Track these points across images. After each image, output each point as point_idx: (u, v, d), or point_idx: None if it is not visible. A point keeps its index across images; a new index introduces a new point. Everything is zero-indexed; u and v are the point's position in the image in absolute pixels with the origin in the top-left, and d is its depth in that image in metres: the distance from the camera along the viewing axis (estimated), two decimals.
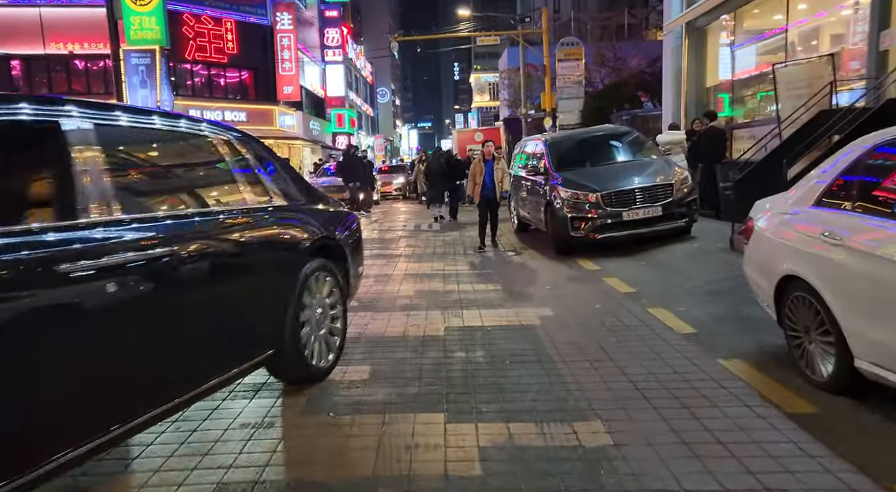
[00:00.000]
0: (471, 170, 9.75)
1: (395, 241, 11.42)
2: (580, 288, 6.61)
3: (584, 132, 10.57)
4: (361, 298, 6.47)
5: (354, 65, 48.56)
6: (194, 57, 24.09)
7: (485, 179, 9.47)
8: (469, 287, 6.90)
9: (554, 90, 20.72)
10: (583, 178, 8.80)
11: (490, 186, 9.49)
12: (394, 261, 9.00)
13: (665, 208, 8.32)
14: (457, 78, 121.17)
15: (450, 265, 8.48)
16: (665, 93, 12.95)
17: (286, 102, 28.01)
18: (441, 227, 13.67)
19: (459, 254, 9.59)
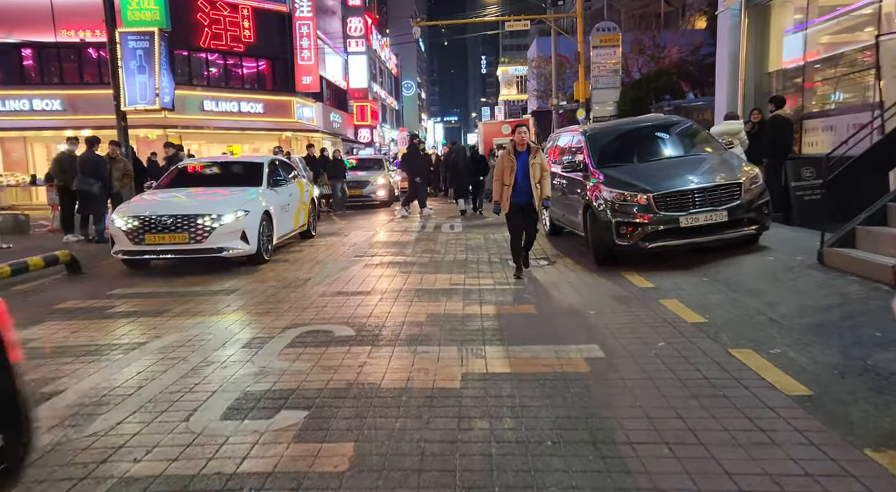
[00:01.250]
0: (496, 166, 7.12)
1: (410, 244, 10.18)
2: (633, 314, 5.28)
3: (630, 122, 9.17)
4: (362, 324, 5.24)
5: (379, 56, 47.43)
6: (209, 45, 23.12)
7: (517, 179, 6.88)
8: (493, 310, 5.62)
9: (588, 79, 19.26)
10: (630, 176, 7.43)
11: (524, 189, 6.91)
12: (406, 270, 7.76)
13: (731, 213, 6.91)
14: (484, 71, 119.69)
15: (472, 278, 7.21)
16: (719, 79, 11.46)
17: (305, 93, 26.94)
18: (464, 227, 12.38)
19: (483, 263, 8.30)
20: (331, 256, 9.00)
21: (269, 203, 8.75)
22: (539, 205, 7.02)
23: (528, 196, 6.97)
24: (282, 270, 8.01)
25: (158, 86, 12.06)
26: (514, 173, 6.93)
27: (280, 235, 9.22)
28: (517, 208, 7.00)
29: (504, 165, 7.00)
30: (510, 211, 7.02)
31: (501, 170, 7.01)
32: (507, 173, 6.96)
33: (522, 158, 6.99)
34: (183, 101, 22.17)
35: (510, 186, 6.93)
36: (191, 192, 8.53)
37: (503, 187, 7.00)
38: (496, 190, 7.10)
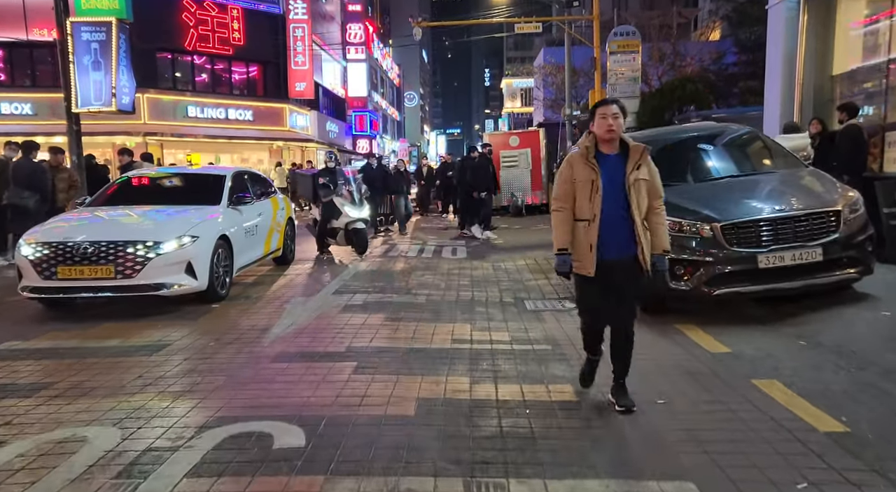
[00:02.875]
0: (558, 183, 3.62)
1: (404, 275, 8.46)
2: (725, 408, 3.56)
3: (677, 131, 7.46)
4: (319, 420, 3.50)
5: (380, 66, 46.02)
6: (195, 47, 21.55)
7: (603, 209, 3.43)
8: (516, 393, 3.89)
9: (604, 87, 17.63)
10: (686, 199, 5.73)
11: (619, 228, 3.47)
12: (396, 316, 6.03)
13: (827, 250, 5.20)
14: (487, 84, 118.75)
15: (481, 329, 5.48)
16: (770, 85, 9.81)
17: (299, 101, 25.35)
18: (468, 252, 10.66)
19: (493, 304, 6.58)
20: (305, 292, 7.28)
21: (229, 226, 7.05)
22: (648, 262, 3.50)
23: (628, 244, 3.46)
24: (237, 312, 6.28)
25: (116, 84, 10.42)
26: (597, 196, 3.42)
27: (243, 263, 7.52)
28: (606, 270, 3.46)
29: (575, 178, 3.48)
30: (591, 275, 3.48)
31: (569, 188, 3.51)
32: (585, 195, 3.45)
33: (611, 166, 3.45)
34: (165, 106, 20.63)
35: (593, 221, 3.43)
36: (128, 211, 6.82)
37: (575, 224, 3.51)
38: (559, 227, 3.55)
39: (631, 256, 3.47)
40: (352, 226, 9.74)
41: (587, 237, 3.45)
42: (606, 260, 3.45)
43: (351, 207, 9.81)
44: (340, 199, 9.75)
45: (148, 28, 19.77)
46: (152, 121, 20.05)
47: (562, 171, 3.57)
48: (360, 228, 9.81)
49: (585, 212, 3.45)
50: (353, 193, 9.99)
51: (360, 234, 9.81)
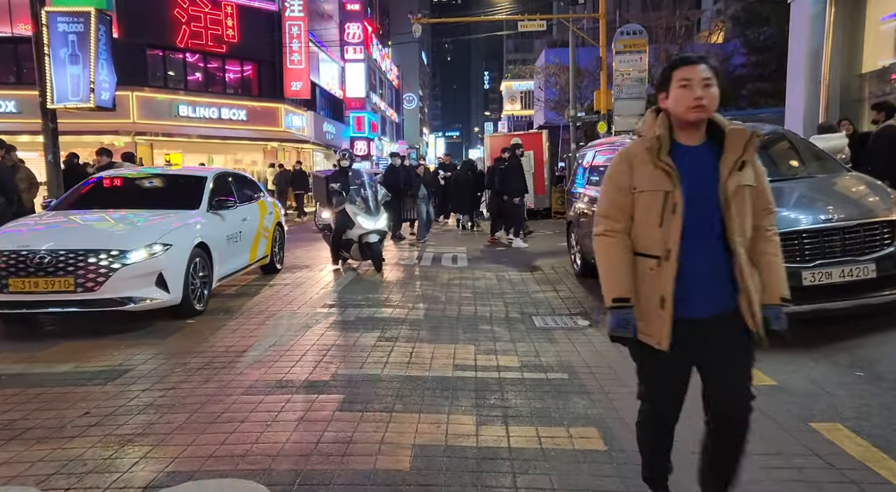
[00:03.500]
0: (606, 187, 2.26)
1: (400, 286, 7.82)
2: (784, 463, 2.93)
3: None
4: (292, 477, 2.86)
5: (379, 67, 45.43)
6: (187, 44, 20.89)
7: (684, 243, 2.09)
8: (532, 439, 3.26)
9: (610, 89, 17.05)
10: None
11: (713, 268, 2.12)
12: (391, 335, 5.39)
13: (881, 266, 4.58)
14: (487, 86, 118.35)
15: (486, 352, 4.85)
16: (792, 83, 9.20)
17: (295, 100, 24.71)
18: (469, 261, 10.02)
19: (499, 320, 5.94)
20: (291, 305, 6.64)
21: (209, 232, 6.41)
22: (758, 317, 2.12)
23: (724, 292, 2.14)
24: (214, 329, 5.63)
25: (95, 79, 9.77)
26: (675, 218, 2.08)
27: (225, 273, 6.88)
28: (688, 336, 2.14)
29: (636, 186, 2.16)
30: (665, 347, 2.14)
31: (624, 201, 2.19)
32: (652, 215, 2.12)
33: (696, 165, 2.12)
34: (156, 105, 19.99)
35: (667, 259, 2.10)
36: (94, 216, 6.18)
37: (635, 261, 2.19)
38: (610, 264, 2.21)
39: (730, 311, 2.13)
40: (365, 239, 8.46)
41: (656, 284, 2.09)
42: (689, 320, 2.10)
43: (364, 216, 8.47)
44: (353, 207, 8.43)
45: (137, 24, 19.20)
46: (142, 120, 19.40)
47: (613, 173, 2.21)
48: (373, 242, 8.49)
49: (653, 242, 2.10)
50: (367, 199, 8.62)
51: (373, 248, 8.51)
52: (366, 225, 8.45)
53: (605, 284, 2.23)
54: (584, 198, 7.74)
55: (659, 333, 2.13)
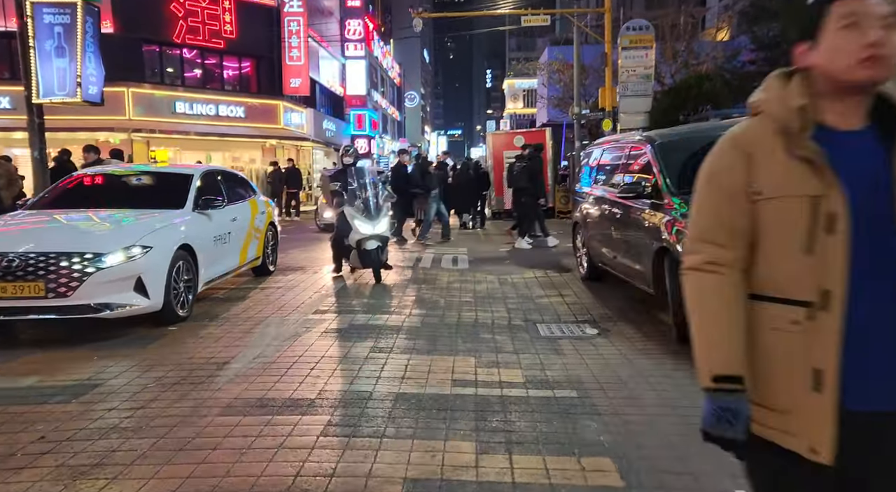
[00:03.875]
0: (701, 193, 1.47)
1: (396, 290, 7.45)
2: None
3: (720, 127, 6.41)
4: None
5: (380, 64, 45.03)
6: (184, 40, 20.49)
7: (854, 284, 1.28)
8: (537, 462, 2.89)
9: (615, 85, 16.65)
10: None
11: None
12: (386, 345, 5.02)
13: None
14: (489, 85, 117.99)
15: (486, 366, 4.48)
16: None
17: (294, 97, 24.34)
18: (469, 263, 9.64)
19: (501, 327, 5.57)
20: (281, 311, 6.27)
21: (194, 233, 6.05)
22: None
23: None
24: (196, 338, 5.27)
25: (81, 73, 9.40)
26: (837, 241, 1.28)
27: (212, 277, 6.51)
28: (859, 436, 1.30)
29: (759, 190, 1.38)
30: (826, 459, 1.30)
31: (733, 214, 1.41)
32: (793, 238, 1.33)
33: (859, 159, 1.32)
34: (152, 102, 19.63)
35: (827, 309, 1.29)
36: (71, 216, 5.81)
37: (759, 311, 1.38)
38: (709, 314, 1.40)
39: None
40: (363, 245, 7.56)
41: (806, 350, 1.32)
42: (863, 413, 1.31)
43: (362, 220, 7.54)
44: (351, 209, 7.56)
45: (132, 18, 18.84)
46: (138, 117, 19.04)
47: (715, 170, 1.45)
48: (370, 249, 7.57)
49: (796, 280, 1.33)
50: (367, 201, 7.64)
51: (370, 256, 7.59)
52: (363, 230, 7.53)
53: (699, 348, 1.43)
54: (591, 198, 7.36)
55: (812, 434, 1.30)
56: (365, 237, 7.55)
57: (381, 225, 7.68)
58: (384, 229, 7.77)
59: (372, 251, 7.59)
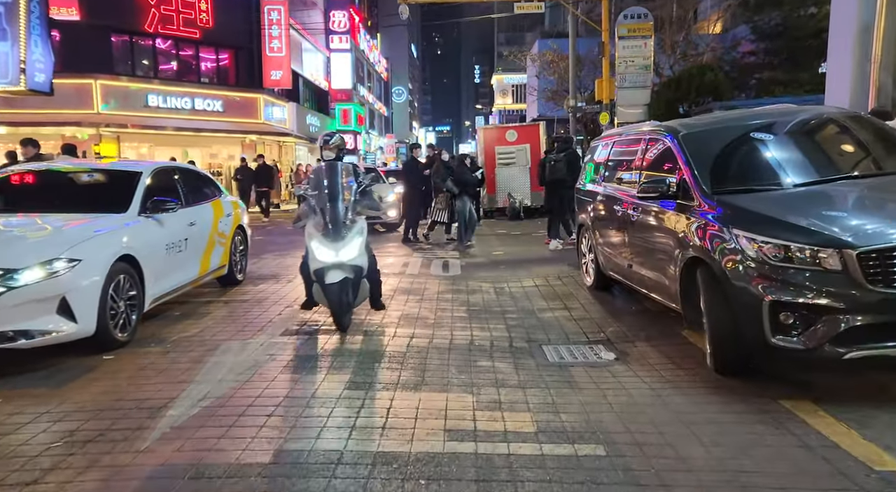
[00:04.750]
0: None
1: (383, 301, 6.56)
2: None
3: (749, 116, 5.53)
4: None
5: (367, 58, 43.99)
6: (156, 29, 19.40)
7: None
8: None
9: (613, 76, 15.86)
10: (789, 210, 3.93)
11: None
12: (362, 378, 4.14)
13: None
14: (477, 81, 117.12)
15: (486, 408, 3.62)
16: (834, 65, 8.02)
17: (275, 91, 23.31)
18: (462, 268, 8.78)
19: (502, 351, 4.73)
20: (244, 331, 5.36)
21: (139, 242, 5.13)
22: None
23: None
24: (135, 370, 4.36)
25: (25, 59, 8.41)
26: None
27: (165, 291, 5.60)
28: None
29: None
30: None
31: None
32: None
33: None
34: (122, 95, 18.55)
35: None
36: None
37: None
38: None
39: None
40: (326, 277, 5.12)
41: None
42: None
43: (321, 241, 5.15)
44: (310, 225, 5.31)
45: (100, 5, 17.75)
46: (107, 111, 17.97)
47: None
48: (331, 283, 5.09)
49: None
50: (335, 213, 5.20)
51: (330, 290, 5.10)
52: (321, 255, 5.11)
53: None
54: (599, 197, 6.51)
55: None
56: (323, 266, 5.11)
57: (348, 249, 5.13)
58: (354, 255, 5.17)
59: (333, 286, 5.05)
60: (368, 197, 5.59)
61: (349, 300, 5.24)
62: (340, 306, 5.12)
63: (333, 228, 5.15)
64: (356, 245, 5.21)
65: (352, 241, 5.18)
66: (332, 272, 5.10)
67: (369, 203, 5.64)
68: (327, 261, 5.12)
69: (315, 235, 5.20)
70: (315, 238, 5.18)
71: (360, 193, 5.41)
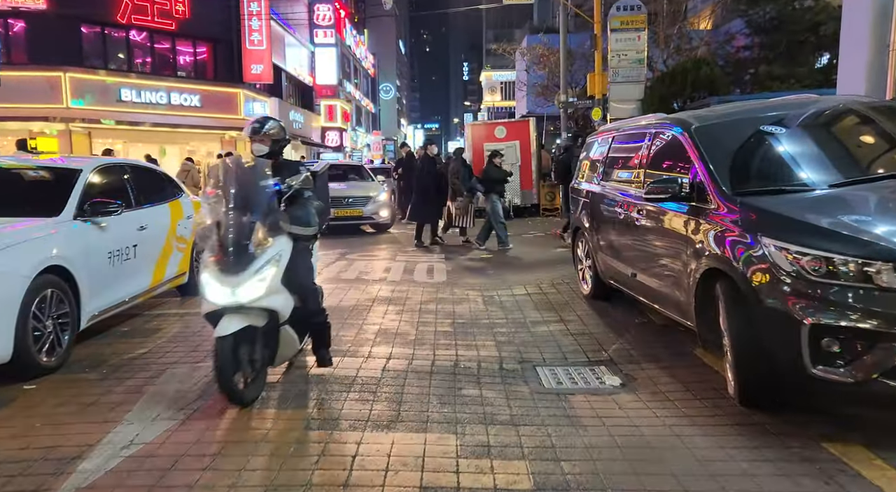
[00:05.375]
0: None
1: (349, 315, 5.92)
2: None
3: (771, 107, 4.90)
4: None
5: (353, 53, 43.19)
6: (129, 20, 18.55)
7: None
8: None
9: (605, 70, 15.27)
10: (828, 215, 3.36)
11: None
12: (325, 413, 3.51)
13: None
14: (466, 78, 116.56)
15: (472, 453, 3.02)
16: (847, 54, 7.47)
17: (256, 86, 22.53)
18: (448, 273, 8.14)
19: (490, 374, 4.14)
20: (196, 352, 4.69)
21: (73, 250, 4.46)
22: None
23: None
24: (56, 404, 3.70)
25: None
26: None
27: (108, 304, 4.93)
28: None
29: None
30: None
31: None
32: None
33: None
34: (93, 89, 17.72)
35: None
36: None
37: None
38: None
39: None
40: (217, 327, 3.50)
41: None
42: None
43: (214, 274, 3.56)
44: (206, 251, 3.72)
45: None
46: (77, 105, 17.14)
47: None
48: (222, 337, 3.43)
49: None
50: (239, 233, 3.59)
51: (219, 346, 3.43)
52: (213, 295, 3.55)
53: None
54: (598, 198, 5.90)
55: None
56: (216, 310, 3.55)
57: (250, 285, 3.51)
58: (258, 294, 3.54)
59: (224, 340, 3.41)
60: (301, 207, 3.89)
61: (256, 358, 3.61)
62: (228, 370, 3.39)
63: (230, 254, 3.52)
64: (264, 279, 3.54)
65: (257, 273, 3.52)
66: (227, 320, 3.47)
67: (300, 216, 3.88)
68: (219, 302, 3.50)
69: (208, 266, 3.58)
70: (207, 269, 3.57)
71: (285, 200, 3.81)
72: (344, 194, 12.32)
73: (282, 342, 3.82)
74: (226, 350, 3.40)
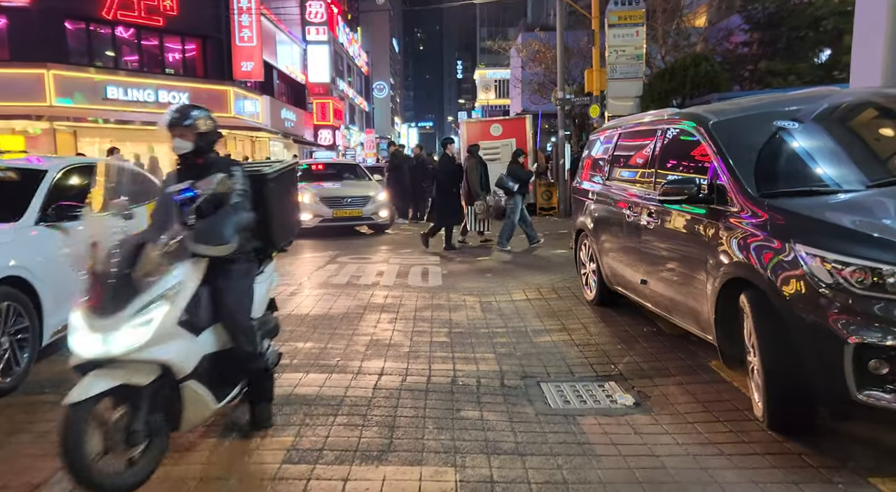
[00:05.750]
0: None
1: (339, 324, 5.55)
2: None
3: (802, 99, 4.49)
4: None
5: (346, 51, 42.73)
6: (116, 16, 18.03)
7: None
8: None
9: (603, 67, 14.92)
10: (871, 219, 3.02)
11: None
12: (308, 442, 3.14)
13: None
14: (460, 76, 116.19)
15: (473, 486, 2.63)
16: (861, 46, 7.12)
17: (247, 83, 22.08)
18: (443, 276, 7.77)
19: (491, 393, 3.79)
20: None
21: (34, 259, 4.08)
22: None
23: None
24: (9, 431, 3.34)
25: None
26: None
27: None
28: None
29: None
30: None
31: None
32: None
33: None
34: (78, 86, 17.23)
35: None
36: None
37: None
38: None
39: None
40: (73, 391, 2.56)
41: None
42: None
43: (82, 315, 2.67)
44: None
45: None
46: (62, 103, 16.65)
47: None
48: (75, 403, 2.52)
49: None
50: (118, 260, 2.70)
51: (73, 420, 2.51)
52: (79, 345, 2.64)
53: None
54: (604, 198, 5.55)
55: None
56: (81, 363, 2.66)
57: (125, 333, 2.61)
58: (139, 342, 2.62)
59: (78, 408, 2.52)
60: (215, 219, 2.95)
61: (137, 430, 2.66)
62: (78, 452, 2.48)
63: (106, 287, 2.66)
64: (150, 321, 2.65)
65: (140, 314, 2.64)
66: (89, 379, 2.60)
67: (209, 230, 2.91)
68: (83, 354, 2.62)
69: (79, 304, 2.71)
70: (78, 309, 2.70)
71: (195, 210, 2.96)
72: (342, 194, 12.15)
73: (186, 403, 2.82)
74: (76, 424, 2.45)
